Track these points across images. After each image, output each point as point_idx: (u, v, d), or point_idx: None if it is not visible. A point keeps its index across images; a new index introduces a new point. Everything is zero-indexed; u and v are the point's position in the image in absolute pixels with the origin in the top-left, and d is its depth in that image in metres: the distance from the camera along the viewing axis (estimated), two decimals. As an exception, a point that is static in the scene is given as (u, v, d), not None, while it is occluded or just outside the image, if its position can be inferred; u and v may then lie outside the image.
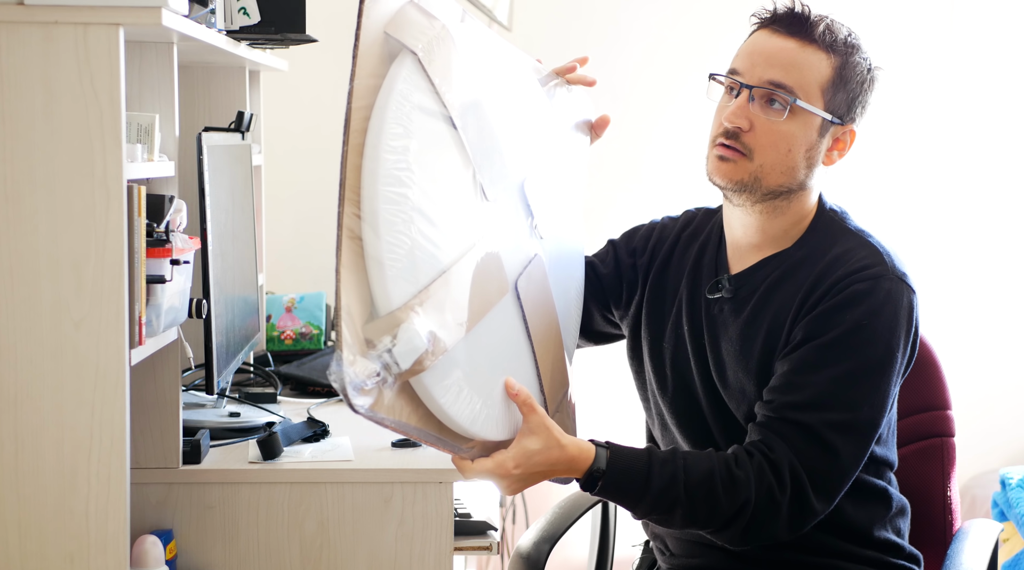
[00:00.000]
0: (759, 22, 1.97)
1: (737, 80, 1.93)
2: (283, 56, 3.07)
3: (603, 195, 3.87)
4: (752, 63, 1.93)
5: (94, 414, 1.88)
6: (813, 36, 1.91)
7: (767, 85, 1.90)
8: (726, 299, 1.99)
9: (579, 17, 3.84)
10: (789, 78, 1.90)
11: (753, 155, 1.91)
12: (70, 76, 1.84)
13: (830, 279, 1.89)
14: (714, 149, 1.95)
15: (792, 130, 1.91)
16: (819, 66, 1.91)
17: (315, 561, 2.21)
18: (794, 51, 1.91)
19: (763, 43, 1.93)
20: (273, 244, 3.48)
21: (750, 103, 1.91)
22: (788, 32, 1.92)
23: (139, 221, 1.91)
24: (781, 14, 1.94)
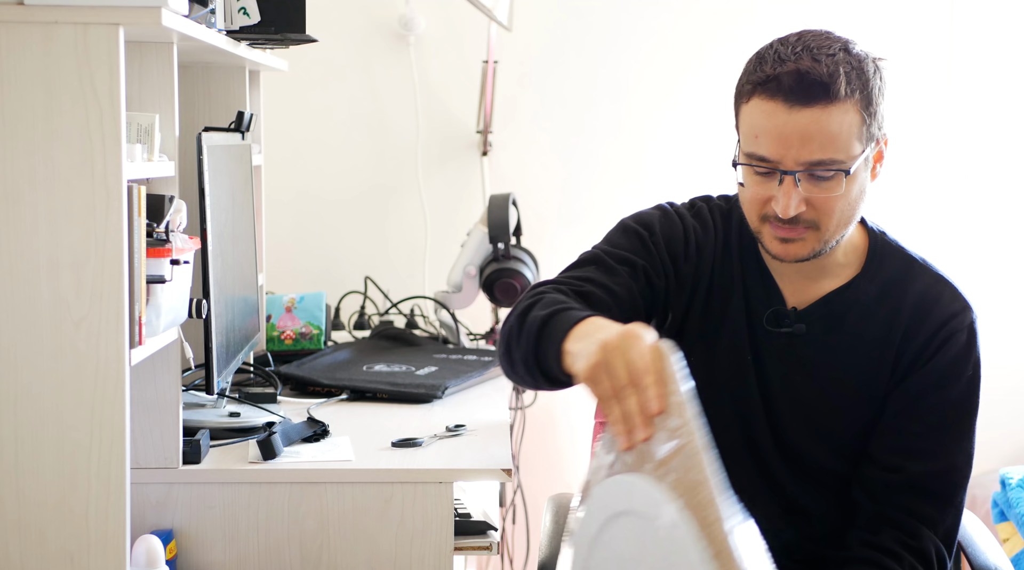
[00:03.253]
0: (763, 91, 1.78)
1: (775, 169, 1.78)
2: (283, 56, 3.07)
3: (604, 196, 3.87)
4: (784, 147, 1.76)
5: (94, 414, 1.88)
6: (838, 95, 1.76)
7: (810, 167, 1.77)
8: (795, 335, 1.90)
9: (579, 17, 3.84)
10: (832, 151, 1.76)
11: (820, 226, 1.81)
12: (70, 76, 1.84)
13: (928, 327, 1.86)
14: (769, 228, 1.83)
15: (849, 189, 1.79)
16: (851, 118, 1.77)
17: (315, 561, 2.21)
18: (824, 119, 1.75)
19: (785, 121, 1.75)
20: (273, 244, 3.48)
21: (797, 186, 1.77)
22: (808, 102, 1.75)
23: (139, 221, 1.91)
24: (789, 84, 1.76)
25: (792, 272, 1.91)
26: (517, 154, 3.87)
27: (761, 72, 1.78)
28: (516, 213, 3.43)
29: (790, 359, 1.91)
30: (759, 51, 1.83)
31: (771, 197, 1.80)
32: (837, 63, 1.76)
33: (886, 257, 1.92)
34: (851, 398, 1.90)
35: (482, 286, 3.36)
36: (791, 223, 1.80)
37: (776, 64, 1.77)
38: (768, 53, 1.80)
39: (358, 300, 3.65)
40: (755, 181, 1.81)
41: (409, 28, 3.79)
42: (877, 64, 1.83)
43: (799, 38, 1.82)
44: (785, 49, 1.79)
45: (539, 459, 3.80)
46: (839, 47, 1.79)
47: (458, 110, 3.85)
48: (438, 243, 3.82)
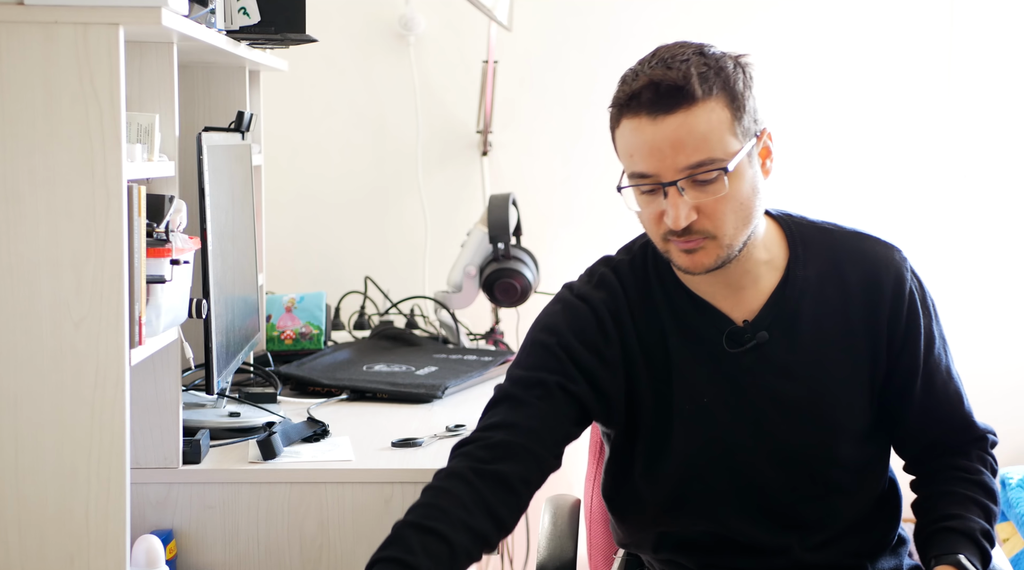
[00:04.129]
0: (627, 111, 1.78)
1: (655, 185, 1.78)
2: (283, 56, 3.07)
3: (604, 196, 3.86)
4: (658, 159, 1.76)
5: (94, 414, 1.88)
6: (695, 95, 1.75)
7: (689, 172, 1.76)
8: (760, 344, 1.88)
9: (579, 17, 3.84)
10: (705, 151, 1.76)
11: (717, 232, 1.79)
12: (70, 76, 1.84)
13: (887, 290, 1.90)
14: (669, 244, 1.82)
15: (735, 187, 1.78)
16: (718, 115, 1.76)
17: (315, 561, 2.21)
18: (690, 122, 1.75)
19: (653, 133, 1.75)
20: (273, 244, 3.48)
21: (682, 195, 1.76)
22: (669, 109, 1.75)
23: (139, 221, 1.91)
24: (648, 97, 1.76)
25: (722, 287, 1.89)
26: (517, 154, 3.87)
27: (621, 93, 1.79)
28: (516, 213, 3.43)
29: (767, 369, 1.88)
30: (623, 74, 1.82)
31: (662, 213, 1.79)
32: (689, 66, 1.76)
33: (806, 238, 1.92)
34: (840, 383, 1.89)
35: (482, 286, 3.36)
36: (687, 233, 1.78)
37: (632, 81, 1.78)
38: (628, 74, 1.80)
39: (358, 300, 3.65)
40: (644, 201, 1.81)
41: (409, 28, 3.79)
42: (738, 60, 1.82)
43: (654, 53, 1.81)
44: (641, 66, 1.79)
45: (539, 459, 3.79)
46: (692, 51, 1.79)
47: (458, 110, 3.85)
48: (438, 243, 3.82)
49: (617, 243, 3.98)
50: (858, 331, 1.89)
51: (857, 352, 1.89)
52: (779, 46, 3.86)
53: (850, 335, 1.89)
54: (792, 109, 3.86)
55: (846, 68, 3.87)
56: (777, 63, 3.85)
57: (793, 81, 3.86)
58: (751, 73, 1.83)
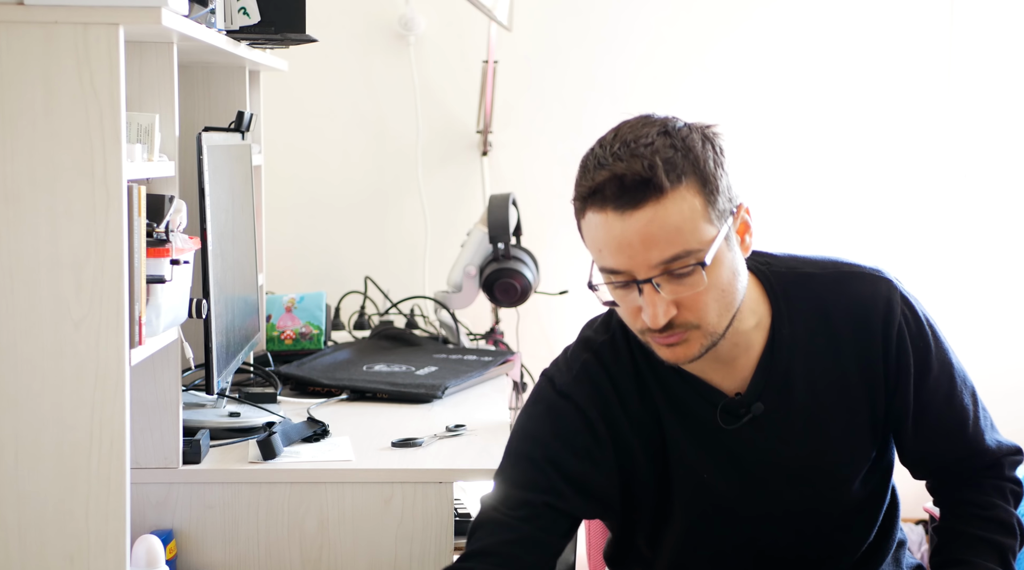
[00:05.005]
0: (591, 204, 1.66)
1: (628, 280, 1.67)
2: (283, 56, 3.07)
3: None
4: (629, 256, 1.65)
5: (94, 414, 1.88)
6: (663, 186, 1.63)
7: (664, 268, 1.65)
8: (756, 416, 1.79)
9: (579, 17, 3.84)
10: (679, 244, 1.64)
11: (700, 322, 1.69)
12: (70, 76, 1.84)
13: (875, 330, 1.79)
14: (650, 338, 1.71)
15: (715, 276, 1.68)
16: (689, 204, 1.64)
17: (315, 561, 2.21)
18: (660, 216, 1.63)
19: (621, 229, 1.64)
20: (273, 244, 3.48)
21: (658, 291, 1.66)
22: (637, 203, 1.63)
23: (139, 221, 1.91)
24: (612, 191, 1.64)
25: (711, 361, 1.78)
26: (517, 154, 3.87)
27: (584, 185, 1.67)
28: (516, 213, 3.43)
29: (765, 438, 1.81)
30: (582, 158, 1.70)
31: (639, 308, 1.69)
32: (654, 152, 1.64)
33: (788, 290, 1.81)
34: (841, 436, 1.82)
35: (482, 286, 3.37)
36: (668, 329, 1.68)
37: (595, 172, 1.66)
38: (590, 160, 1.68)
39: (358, 300, 3.65)
40: (619, 296, 1.70)
41: (409, 28, 3.79)
42: (705, 134, 1.70)
43: (615, 135, 1.69)
44: (603, 152, 1.67)
45: (539, 459, 3.79)
46: (656, 132, 1.67)
47: (458, 110, 3.85)
48: (438, 243, 3.82)
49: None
50: (853, 378, 1.81)
51: (854, 400, 1.82)
52: (778, 45, 3.86)
53: (845, 386, 1.81)
54: (791, 109, 3.86)
55: (846, 67, 3.87)
56: (776, 62, 3.85)
57: (792, 80, 3.86)
58: (720, 146, 1.70)
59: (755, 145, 3.85)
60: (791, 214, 3.85)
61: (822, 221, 3.86)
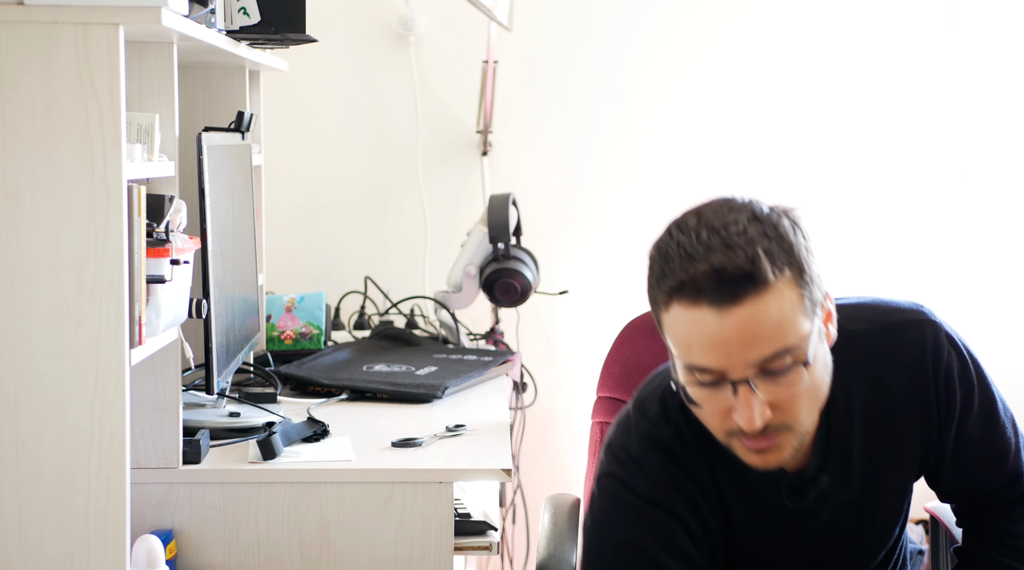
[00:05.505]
0: (681, 297, 1.55)
1: (724, 380, 1.57)
2: (283, 56, 3.07)
3: (604, 196, 3.87)
4: (724, 354, 1.55)
5: (94, 414, 1.88)
6: (767, 279, 1.53)
7: (762, 366, 1.56)
8: (823, 490, 1.74)
9: (579, 17, 3.84)
10: (779, 341, 1.55)
11: (793, 424, 1.61)
12: (70, 76, 1.84)
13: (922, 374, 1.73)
14: (739, 442, 1.62)
15: (811, 372, 1.59)
16: (788, 297, 1.55)
17: (315, 561, 2.21)
18: (761, 311, 1.54)
19: (718, 327, 1.54)
20: (273, 244, 3.48)
21: (754, 391, 1.57)
22: (737, 298, 1.53)
23: (139, 221, 1.91)
24: (711, 285, 1.53)
25: None
26: (517, 154, 3.87)
27: (672, 277, 1.56)
28: (516, 213, 3.43)
29: (825, 511, 1.76)
30: (660, 245, 1.60)
31: (729, 409, 1.59)
32: (752, 242, 1.54)
33: (839, 355, 1.70)
34: (895, 494, 1.79)
35: (482, 286, 3.36)
36: (761, 433, 1.59)
37: (686, 263, 1.55)
38: (671, 249, 1.57)
39: (358, 300, 3.65)
40: (705, 396, 1.60)
41: (409, 28, 3.79)
42: (791, 217, 1.60)
43: (699, 220, 1.58)
44: (689, 240, 1.56)
45: (539, 459, 3.80)
46: (745, 218, 1.56)
47: (458, 110, 3.85)
48: (438, 243, 3.82)
49: (617, 242, 3.96)
50: (908, 437, 1.76)
51: (908, 456, 1.77)
52: (777, 44, 3.85)
53: (901, 447, 1.76)
54: (791, 108, 3.86)
55: (845, 66, 3.87)
56: (776, 61, 3.85)
57: (792, 80, 3.86)
58: (805, 227, 1.60)
59: (755, 145, 3.85)
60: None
61: (822, 221, 3.86)
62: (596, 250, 3.88)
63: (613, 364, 2.22)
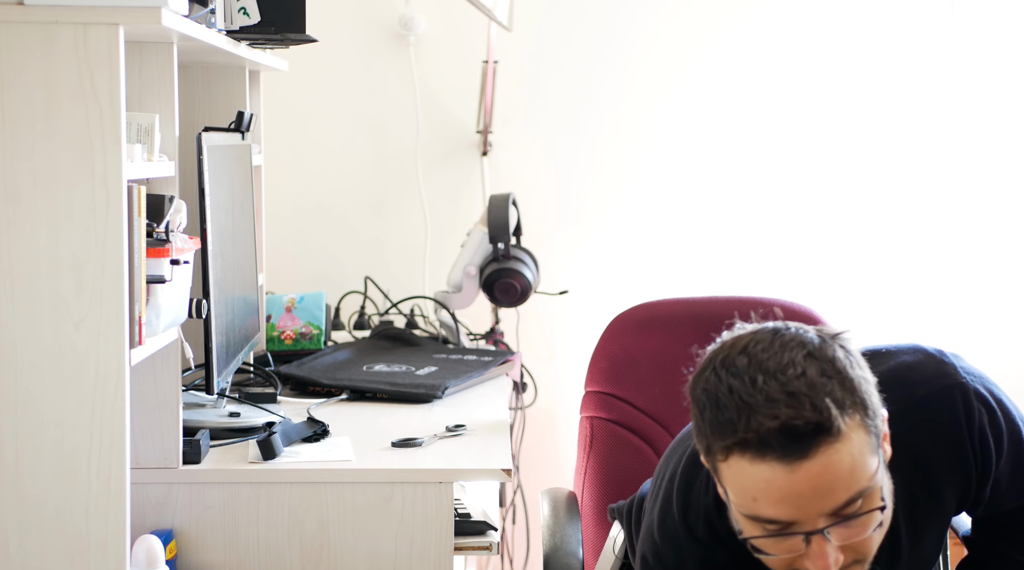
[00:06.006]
0: (744, 451, 1.46)
1: (797, 532, 1.49)
2: (283, 56, 3.07)
3: (604, 196, 3.87)
4: (796, 506, 1.46)
5: (94, 414, 1.88)
6: (839, 429, 1.45)
7: (837, 517, 1.48)
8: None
9: (579, 17, 3.84)
10: (855, 486, 1.48)
11: (865, 559, 1.54)
12: (70, 76, 1.84)
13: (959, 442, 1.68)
14: None
15: (886, 511, 1.54)
16: (858, 441, 1.47)
17: (315, 561, 2.21)
18: (834, 460, 1.45)
19: (789, 482, 1.45)
20: (273, 244, 3.48)
21: (828, 539, 1.49)
22: (808, 452, 1.45)
23: (139, 221, 1.91)
24: (784, 441, 1.44)
25: None
26: (517, 154, 3.87)
27: (732, 431, 1.46)
28: (516, 213, 3.43)
29: None
30: (706, 388, 1.50)
31: (795, 554, 1.51)
32: (815, 388, 1.45)
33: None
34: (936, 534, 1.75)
35: (482, 286, 3.36)
36: None
37: (746, 416, 1.45)
38: (723, 395, 1.47)
39: (358, 300, 3.65)
40: (770, 544, 1.51)
41: (409, 28, 3.79)
42: (843, 346, 1.52)
43: (749, 361, 1.48)
44: (744, 386, 1.46)
45: (539, 459, 3.80)
46: (802, 358, 1.47)
47: (458, 110, 3.85)
48: (438, 243, 3.82)
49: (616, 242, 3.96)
50: (948, 501, 1.71)
51: (948, 515, 1.73)
52: (777, 43, 3.85)
53: (942, 514, 1.72)
54: (790, 108, 3.86)
55: (845, 66, 3.87)
56: (775, 61, 3.85)
57: (791, 79, 3.86)
58: (856, 355, 1.52)
59: (754, 144, 3.85)
60: (791, 214, 3.85)
61: (821, 221, 3.86)
62: (596, 250, 3.88)
63: (600, 359, 2.23)
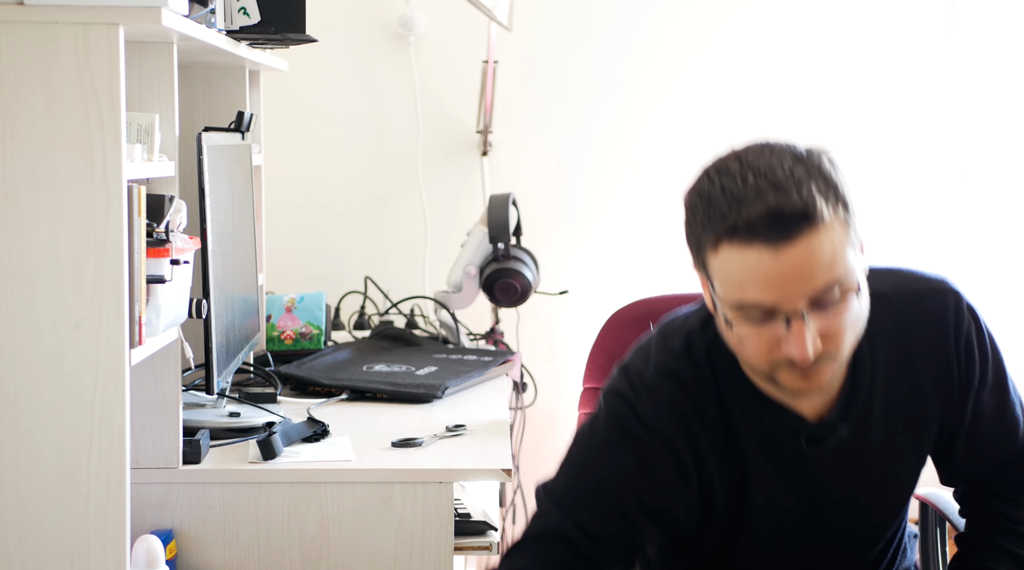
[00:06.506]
0: (733, 239, 1.59)
1: (775, 314, 1.61)
2: (283, 56, 3.07)
3: (604, 196, 3.87)
4: (780, 289, 1.59)
5: (94, 414, 1.88)
6: (822, 217, 1.58)
7: (814, 300, 1.60)
8: (842, 440, 1.75)
9: (578, 17, 3.84)
10: (833, 273, 1.60)
11: (837, 352, 1.65)
12: (70, 76, 1.84)
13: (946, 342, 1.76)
14: (784, 372, 1.65)
15: (860, 299, 1.65)
16: (839, 232, 1.60)
17: (315, 561, 2.21)
18: (815, 247, 1.58)
19: (775, 265, 1.58)
20: (273, 244, 3.48)
21: (806, 323, 1.60)
22: (792, 237, 1.57)
23: (139, 221, 1.91)
24: (767, 225, 1.57)
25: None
26: (517, 154, 3.87)
27: (722, 220, 1.59)
28: (516, 213, 3.43)
29: (843, 469, 1.77)
30: (699, 190, 1.65)
31: (777, 342, 1.63)
32: (800, 181, 1.58)
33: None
34: (911, 464, 1.81)
35: (482, 286, 3.36)
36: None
37: (736, 206, 1.59)
38: (714, 193, 1.61)
39: (358, 300, 3.65)
40: (753, 330, 1.63)
41: (409, 28, 3.79)
42: (827, 157, 1.64)
43: (741, 164, 1.62)
44: (735, 183, 1.60)
45: (539, 459, 3.80)
46: (790, 160, 1.61)
47: (458, 110, 3.85)
48: (438, 243, 3.82)
49: (616, 242, 3.97)
50: (929, 400, 1.78)
51: (928, 422, 1.79)
52: (777, 43, 3.86)
53: (922, 410, 1.78)
54: (791, 107, 3.86)
55: (845, 66, 3.87)
56: (775, 60, 3.85)
57: (791, 79, 3.86)
58: (837, 161, 1.65)
59: (755, 145, 3.85)
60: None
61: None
62: (596, 250, 3.88)
63: (599, 354, 2.22)
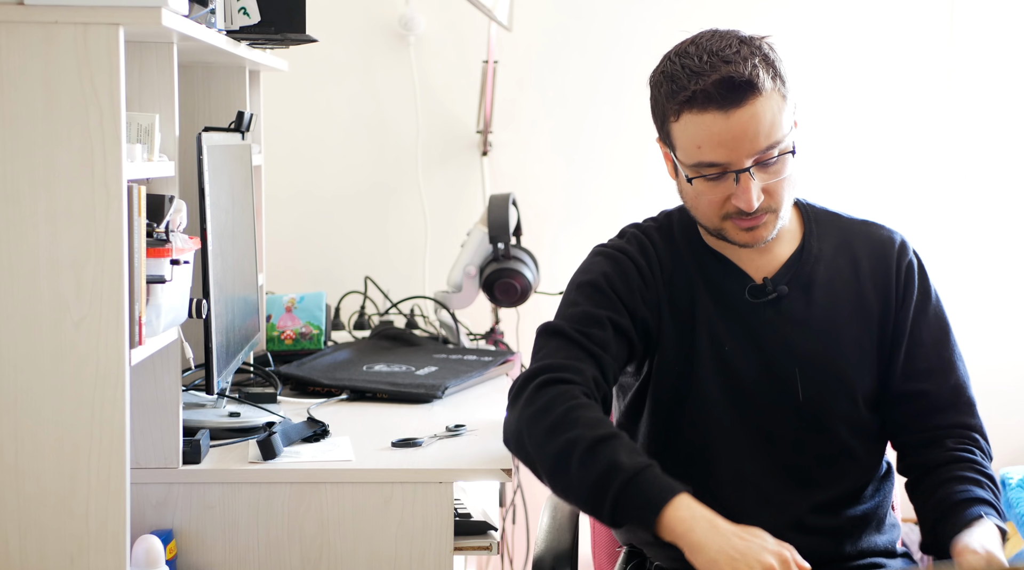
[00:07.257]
0: (692, 106, 1.91)
1: (727, 172, 1.93)
2: (283, 56, 3.07)
3: (605, 195, 3.87)
4: (731, 148, 1.91)
5: (94, 414, 1.88)
6: (765, 86, 1.91)
7: (758, 159, 1.92)
8: (780, 298, 2.03)
9: (579, 17, 3.84)
10: (773, 137, 1.92)
11: (778, 207, 1.97)
12: (70, 76, 1.84)
13: (890, 266, 2.05)
14: (731, 224, 1.97)
15: (795, 162, 1.97)
16: (776, 102, 1.93)
17: (315, 561, 2.21)
18: (759, 112, 1.90)
19: (726, 126, 1.90)
20: (273, 244, 3.48)
21: (752, 179, 1.92)
22: (740, 102, 1.90)
23: (139, 221, 1.91)
24: (723, 91, 1.90)
25: (746, 250, 2.04)
26: (517, 154, 3.87)
27: (683, 91, 1.91)
28: (516, 213, 3.43)
29: (784, 323, 2.02)
30: (663, 71, 1.96)
31: (727, 197, 1.94)
32: (746, 58, 1.91)
33: (819, 218, 2.10)
34: (852, 341, 2.02)
35: (482, 286, 3.37)
36: (754, 214, 1.94)
37: (693, 78, 1.91)
38: (676, 71, 1.93)
39: (358, 300, 3.65)
40: (708, 187, 1.94)
41: (409, 28, 3.79)
42: (768, 44, 1.97)
43: (696, 47, 1.95)
44: (693, 61, 1.92)
45: (539, 459, 3.79)
46: (737, 42, 1.94)
47: (458, 110, 3.85)
48: (438, 243, 3.82)
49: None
50: (869, 296, 2.03)
51: (868, 314, 2.03)
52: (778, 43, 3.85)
53: (861, 300, 2.03)
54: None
55: (845, 69, 3.87)
56: (777, 63, 3.85)
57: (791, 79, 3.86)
58: (779, 52, 1.97)
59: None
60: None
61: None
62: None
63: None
